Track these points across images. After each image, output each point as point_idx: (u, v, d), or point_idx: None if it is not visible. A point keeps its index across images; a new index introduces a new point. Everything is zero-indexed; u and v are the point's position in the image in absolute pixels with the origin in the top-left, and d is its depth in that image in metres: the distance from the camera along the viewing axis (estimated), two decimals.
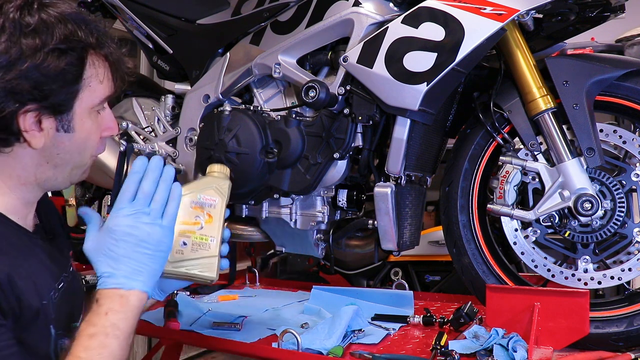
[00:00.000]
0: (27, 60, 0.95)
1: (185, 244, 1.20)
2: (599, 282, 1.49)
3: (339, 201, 1.73)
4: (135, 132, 2.03)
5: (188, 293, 2.07)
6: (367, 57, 1.53)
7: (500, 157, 1.58)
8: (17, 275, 0.96)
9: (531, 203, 1.56)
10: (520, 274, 1.68)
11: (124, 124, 2.01)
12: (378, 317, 1.74)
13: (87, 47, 1.03)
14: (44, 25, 0.97)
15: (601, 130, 1.50)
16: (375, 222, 1.65)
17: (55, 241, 1.17)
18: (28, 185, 1.06)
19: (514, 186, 1.56)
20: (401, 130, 1.56)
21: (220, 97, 1.84)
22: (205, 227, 1.23)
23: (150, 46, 2.05)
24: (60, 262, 1.14)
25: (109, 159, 1.99)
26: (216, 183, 1.27)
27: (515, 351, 1.33)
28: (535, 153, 1.54)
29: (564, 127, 1.51)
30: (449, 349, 1.40)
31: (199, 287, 2.15)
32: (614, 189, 1.49)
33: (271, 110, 1.77)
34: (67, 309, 1.12)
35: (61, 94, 1.00)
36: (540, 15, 1.59)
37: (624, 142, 1.49)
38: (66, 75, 1.00)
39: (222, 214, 1.26)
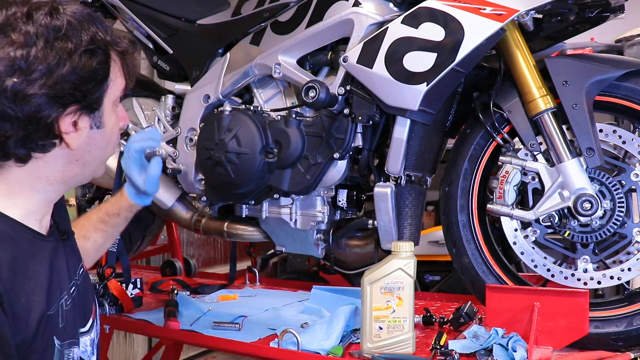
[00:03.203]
0: (65, 63, 0.97)
1: (381, 328, 1.38)
2: (599, 282, 1.49)
3: (339, 201, 1.73)
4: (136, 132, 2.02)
5: (188, 293, 2.07)
6: (367, 57, 1.53)
7: (500, 157, 1.58)
8: (17, 295, 0.95)
9: (531, 203, 1.55)
10: (520, 274, 1.68)
11: None
12: None
13: (109, 45, 1.06)
14: (71, 28, 0.99)
15: (601, 130, 1.50)
16: (375, 222, 1.65)
17: (69, 241, 1.17)
18: (55, 184, 1.07)
19: (514, 186, 1.56)
20: (401, 130, 1.56)
21: (221, 97, 1.83)
22: (397, 310, 1.39)
23: (151, 46, 2.05)
24: (73, 264, 1.14)
25: (109, 159, 1.99)
26: (402, 264, 1.40)
27: (515, 351, 1.33)
28: (535, 153, 1.54)
29: (564, 127, 1.51)
30: (449, 348, 1.40)
31: (199, 287, 2.16)
32: (613, 189, 1.49)
33: (271, 110, 1.76)
34: (77, 313, 1.11)
35: (95, 92, 1.04)
36: (540, 16, 1.59)
37: (624, 142, 1.49)
38: (98, 74, 1.04)
39: (412, 293, 1.40)
